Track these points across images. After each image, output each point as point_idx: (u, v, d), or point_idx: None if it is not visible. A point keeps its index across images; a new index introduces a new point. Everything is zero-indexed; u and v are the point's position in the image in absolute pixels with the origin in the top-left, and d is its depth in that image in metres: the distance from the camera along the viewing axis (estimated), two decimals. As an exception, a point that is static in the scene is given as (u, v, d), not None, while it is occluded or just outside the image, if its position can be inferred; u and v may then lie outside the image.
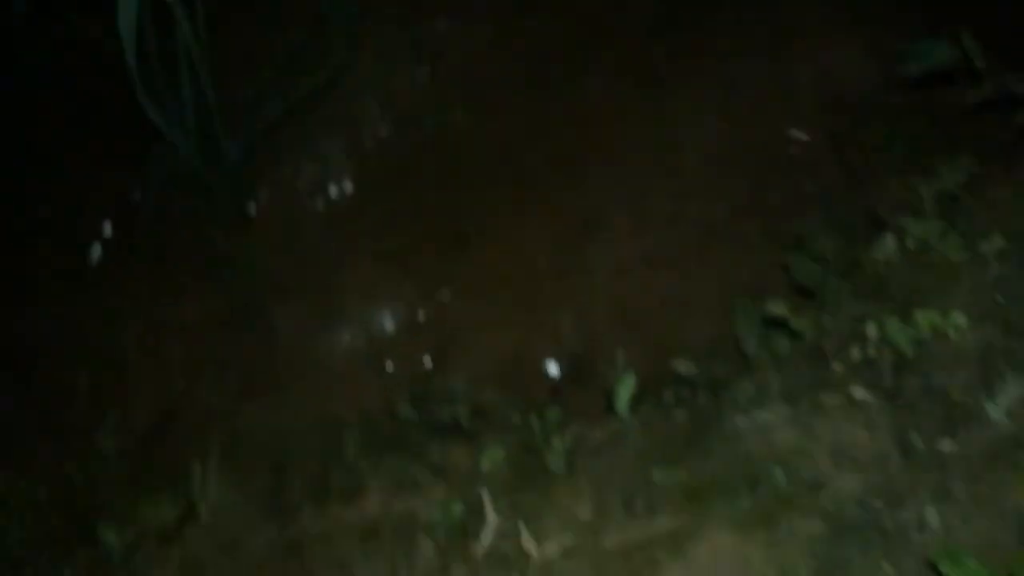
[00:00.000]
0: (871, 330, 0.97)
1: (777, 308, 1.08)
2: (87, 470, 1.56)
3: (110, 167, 1.88)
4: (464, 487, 1.13)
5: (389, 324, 1.80)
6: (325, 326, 1.79)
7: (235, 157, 1.64)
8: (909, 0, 1.74)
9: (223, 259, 1.81)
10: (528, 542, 0.96)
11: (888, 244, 1.11)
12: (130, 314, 1.82)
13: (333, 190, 1.87)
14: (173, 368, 1.78)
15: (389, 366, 1.76)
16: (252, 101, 1.70)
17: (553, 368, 1.74)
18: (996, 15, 1.44)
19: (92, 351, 1.80)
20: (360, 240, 1.85)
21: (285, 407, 1.72)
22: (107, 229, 1.86)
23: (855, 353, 0.98)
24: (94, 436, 1.70)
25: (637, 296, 1.75)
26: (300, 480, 1.28)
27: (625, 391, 1.16)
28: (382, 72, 1.91)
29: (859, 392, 0.93)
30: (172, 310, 1.81)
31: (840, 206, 1.53)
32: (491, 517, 1.01)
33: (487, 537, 0.99)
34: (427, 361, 1.76)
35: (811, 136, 1.70)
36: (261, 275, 1.81)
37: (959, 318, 0.94)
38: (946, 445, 0.85)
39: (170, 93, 1.49)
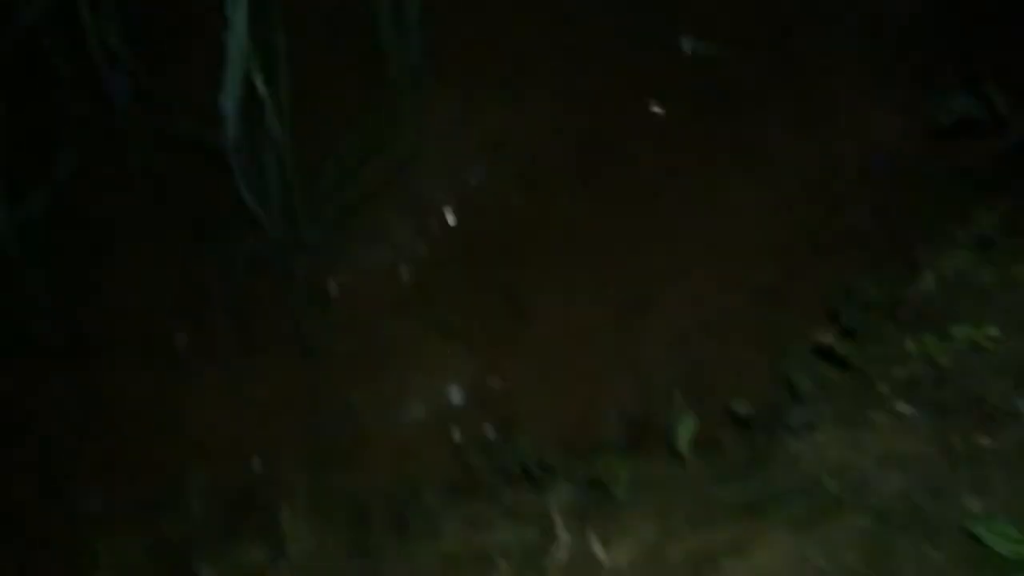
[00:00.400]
0: (911, 348, 1.04)
1: (825, 338, 1.16)
2: (179, 529, 1.65)
3: (191, 254, 2.02)
4: (535, 520, 1.20)
5: (456, 396, 1.89)
6: (397, 401, 1.89)
7: (314, 240, 1.77)
8: (937, 57, 1.86)
9: (301, 341, 1.92)
10: (599, 552, 1.03)
11: (927, 279, 1.19)
12: (212, 396, 1.92)
13: (403, 271, 1.99)
14: (248, 442, 1.87)
15: (457, 435, 1.84)
16: (329, 186, 1.84)
17: (615, 432, 1.81)
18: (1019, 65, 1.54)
19: (177, 429, 1.90)
20: (428, 318, 1.95)
21: (358, 474, 1.81)
22: (191, 314, 1.99)
23: (898, 372, 1.05)
24: (182, 502, 1.79)
25: (694, 359, 1.83)
26: (381, 524, 1.36)
27: (685, 430, 1.24)
28: (446, 160, 2.05)
29: (903, 407, 1.01)
30: (251, 391, 1.92)
31: (882, 256, 1.61)
32: (563, 535, 1.08)
33: (559, 552, 1.06)
34: (493, 429, 1.84)
35: (853, 194, 1.80)
36: (337, 354, 1.91)
37: (993, 330, 1.01)
38: (984, 442, 0.92)
39: (259, 179, 1.63)
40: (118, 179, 1.97)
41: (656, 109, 2.03)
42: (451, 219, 2.02)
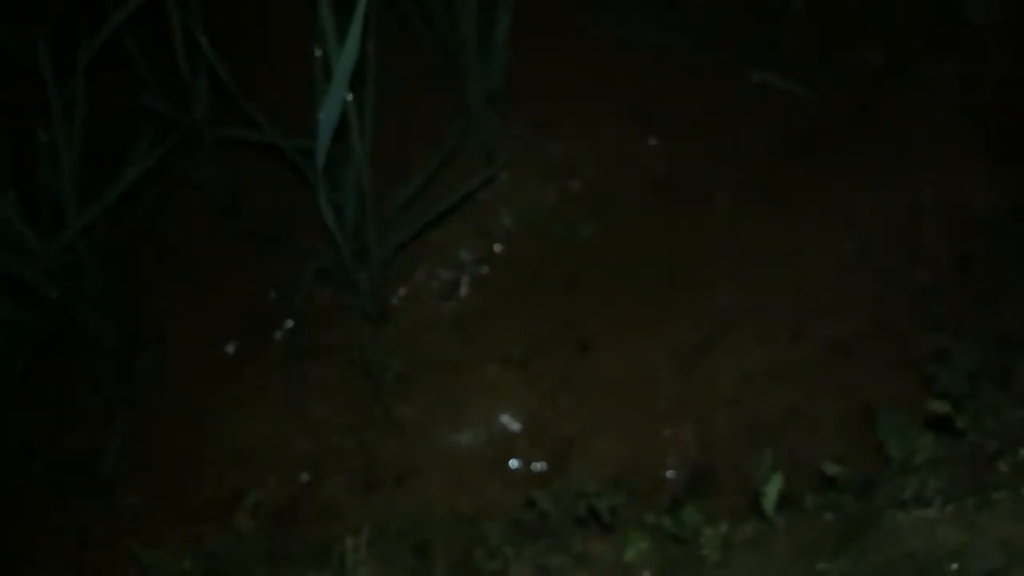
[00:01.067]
0: (1040, 429, 0.99)
1: (941, 407, 1.11)
2: (227, 545, 1.61)
3: (257, 262, 2.00)
4: (612, 573, 1.16)
5: (512, 425, 1.85)
6: (451, 424, 1.85)
7: (382, 258, 1.74)
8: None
9: (358, 355, 1.89)
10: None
11: (1043, 354, 1.14)
12: (263, 405, 1.89)
13: (464, 295, 1.95)
14: (300, 458, 1.84)
15: (512, 465, 1.80)
16: (402, 204, 1.81)
17: (675, 476, 1.76)
18: None
19: (226, 438, 1.87)
20: (487, 344, 1.92)
21: (412, 498, 1.77)
22: (249, 322, 1.96)
23: (1023, 453, 1.00)
24: (228, 519, 1.76)
25: (763, 407, 1.78)
26: (444, 562, 1.31)
27: (773, 489, 1.19)
28: (515, 187, 2.02)
29: (1028, 491, 0.95)
30: (303, 402, 1.89)
31: (974, 325, 1.56)
32: (654, 597, 1.04)
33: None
34: (548, 463, 1.79)
35: (937, 254, 1.75)
36: (394, 372, 1.88)
37: None
38: None
39: (335, 192, 1.60)
40: (190, 183, 1.95)
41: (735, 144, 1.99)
42: (517, 244, 1.99)
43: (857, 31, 2.11)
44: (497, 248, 1.99)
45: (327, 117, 1.27)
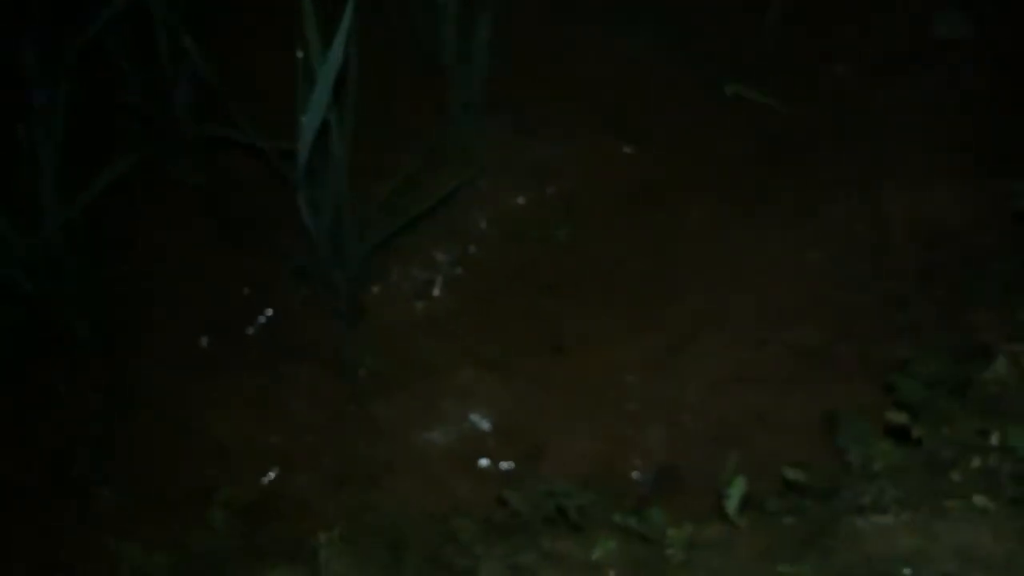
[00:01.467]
0: (993, 440, 1.04)
1: (898, 417, 1.15)
2: (200, 540, 1.63)
3: (232, 260, 2.01)
4: (579, 571, 1.19)
5: (484, 426, 1.88)
6: (424, 423, 1.88)
7: (359, 259, 1.77)
8: (1010, 142, 1.87)
9: (332, 354, 1.91)
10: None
11: (1000, 366, 1.19)
12: (237, 401, 1.91)
13: (440, 295, 1.98)
14: (273, 454, 1.86)
15: (483, 464, 1.83)
16: (380, 205, 1.83)
17: (642, 477, 1.80)
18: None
19: (202, 434, 1.88)
20: (461, 344, 1.94)
21: (384, 496, 1.79)
22: (226, 320, 1.98)
23: (975, 462, 1.04)
24: (201, 512, 1.77)
25: (729, 411, 1.82)
26: (417, 559, 1.34)
27: (736, 492, 1.23)
28: (492, 190, 2.05)
29: (980, 499, 0.99)
30: (277, 399, 1.90)
31: (936, 335, 1.61)
32: (621, 596, 1.07)
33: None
34: (519, 463, 1.82)
35: (904, 265, 1.80)
36: (368, 371, 1.90)
37: (1078, 430, 1.00)
38: (1071, 547, 0.90)
39: (314, 192, 1.62)
40: (170, 181, 1.96)
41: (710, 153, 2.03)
42: (493, 247, 2.02)
43: (830, 46, 2.16)
44: (473, 250, 2.02)
45: (310, 120, 1.29)
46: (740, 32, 2.18)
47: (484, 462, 1.83)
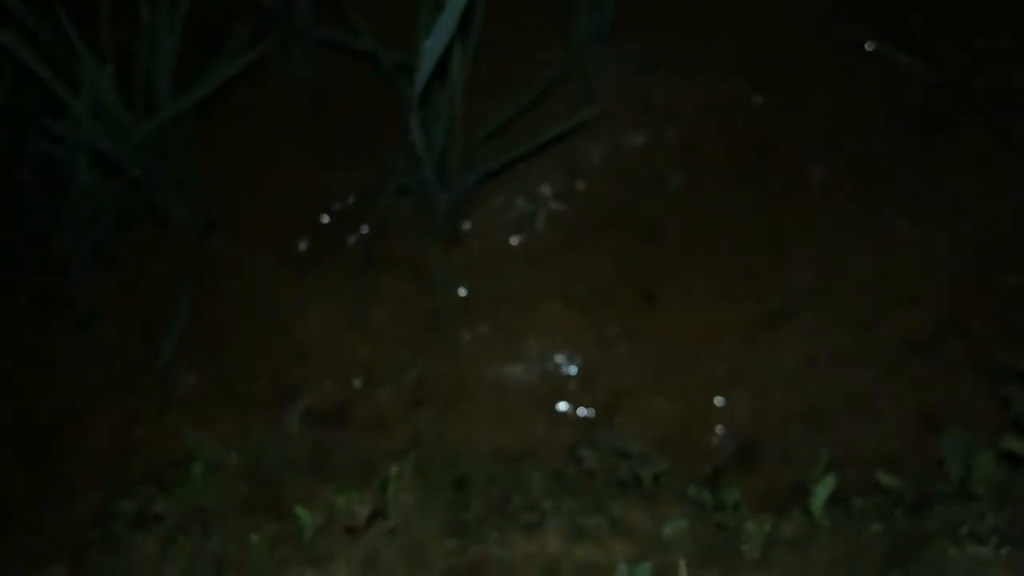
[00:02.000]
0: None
1: (1013, 444, 1.07)
2: (275, 444, 1.65)
3: (339, 164, 1.99)
4: (648, 548, 1.16)
5: (566, 367, 1.84)
6: (505, 354, 1.85)
7: (464, 184, 1.72)
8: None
9: (427, 271, 1.89)
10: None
11: None
12: (326, 306, 1.91)
13: (538, 229, 1.93)
14: (356, 365, 1.86)
15: (560, 407, 1.80)
16: (492, 134, 1.78)
17: (721, 447, 1.75)
18: None
19: (283, 335, 1.89)
20: (553, 281, 1.90)
21: (458, 424, 1.78)
22: (322, 222, 1.96)
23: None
24: (277, 415, 1.79)
25: (822, 393, 1.74)
26: (483, 504, 1.32)
27: (823, 491, 1.17)
28: (607, 127, 1.97)
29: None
30: (366, 310, 1.90)
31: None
32: (687, 587, 1.03)
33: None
34: (597, 411, 1.79)
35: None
36: (457, 293, 1.88)
37: None
38: None
39: (426, 111, 1.57)
40: (284, 78, 1.93)
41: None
42: (600, 186, 1.95)
43: (992, 16, 1.99)
44: (579, 187, 1.96)
45: (432, 46, 1.23)
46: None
47: (562, 405, 1.80)
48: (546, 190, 1.96)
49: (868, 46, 1.99)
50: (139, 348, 1.89)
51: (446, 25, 1.20)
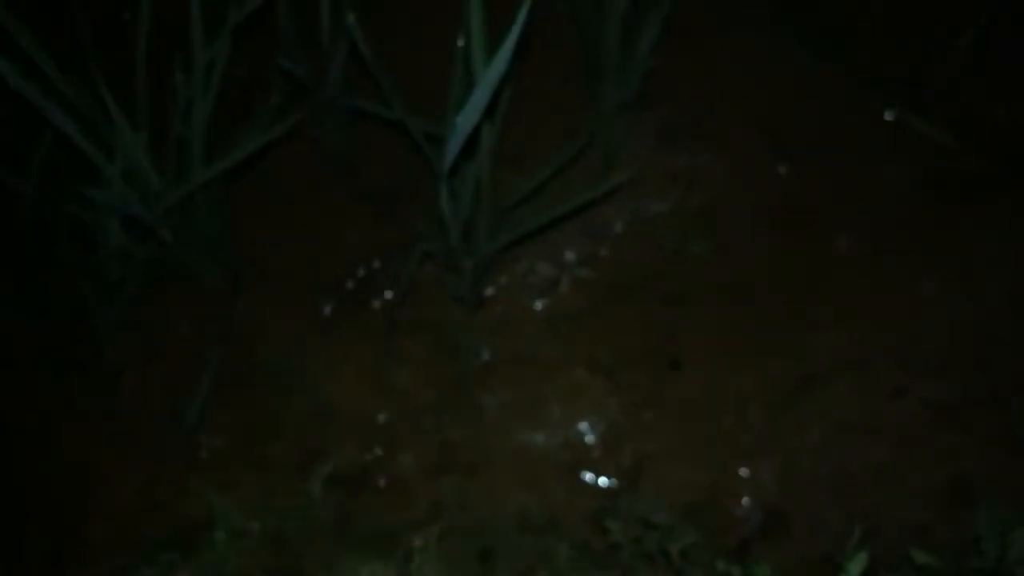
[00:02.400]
0: None
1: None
2: (297, 510, 1.64)
3: (368, 226, 2.01)
4: (677, 627, 1.14)
5: (589, 433, 1.83)
6: (528, 420, 1.84)
7: (490, 251, 1.73)
8: None
9: (450, 335, 1.89)
10: None
11: None
12: (351, 369, 1.91)
13: (562, 294, 1.93)
14: (378, 429, 1.86)
15: (585, 475, 1.79)
16: (519, 202, 1.79)
17: (748, 516, 1.73)
18: None
19: (308, 398, 1.89)
20: (577, 346, 1.90)
21: (481, 491, 1.77)
22: (348, 286, 1.97)
23: None
24: (301, 479, 1.79)
25: (850, 462, 1.72)
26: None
27: (856, 568, 1.15)
28: (632, 193, 1.98)
29: None
30: (390, 373, 1.90)
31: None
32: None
33: None
34: (621, 479, 1.77)
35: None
36: (480, 358, 1.88)
37: None
38: None
39: (455, 180, 1.59)
40: (314, 143, 1.96)
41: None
42: (625, 252, 1.96)
43: (1008, 84, 2.00)
44: (604, 253, 1.97)
45: (464, 122, 1.25)
46: (924, 57, 2.04)
47: (586, 472, 1.79)
48: (570, 256, 1.97)
49: (888, 115, 2.00)
50: (164, 409, 1.90)
51: (477, 104, 1.22)
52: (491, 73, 1.17)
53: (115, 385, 1.92)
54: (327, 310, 1.96)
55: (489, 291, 1.94)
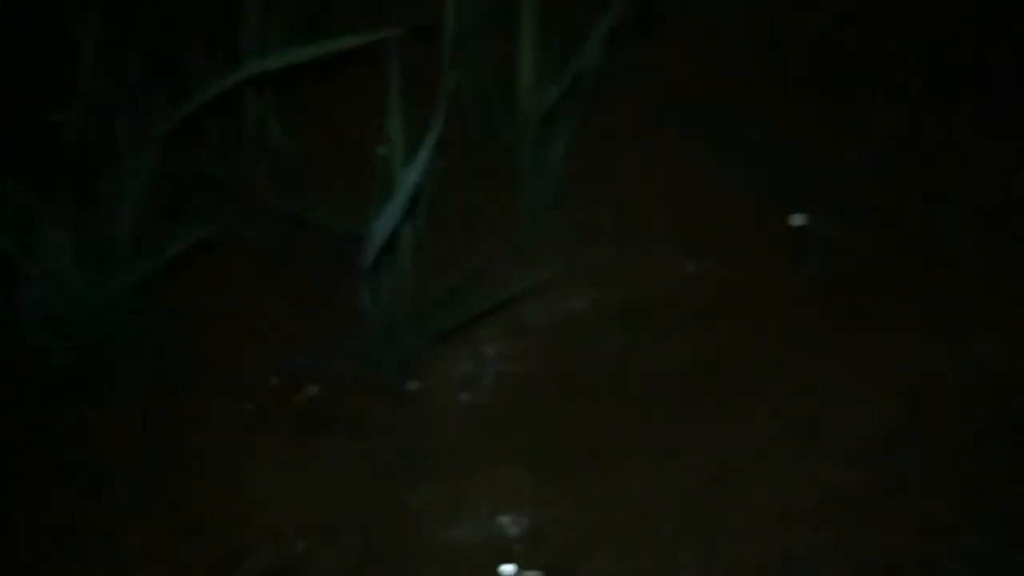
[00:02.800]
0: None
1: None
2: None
3: (287, 330, 2.03)
4: None
5: (513, 526, 1.85)
6: (450, 515, 1.86)
7: (412, 347, 1.77)
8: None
9: (372, 433, 1.91)
10: None
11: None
12: (273, 467, 1.91)
13: (485, 390, 1.98)
14: (302, 525, 1.85)
15: (506, 570, 1.80)
16: (439, 300, 1.84)
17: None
18: None
19: (229, 499, 1.88)
20: (499, 441, 1.93)
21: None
22: (271, 383, 1.99)
23: None
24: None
25: (770, 551, 1.77)
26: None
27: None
28: (551, 291, 2.05)
29: None
30: (313, 470, 1.90)
31: (995, 502, 1.55)
32: None
33: None
34: (547, 571, 1.79)
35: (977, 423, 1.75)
36: (404, 454, 1.90)
37: None
38: None
39: (375, 281, 1.64)
40: (238, 243, 1.99)
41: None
42: (545, 348, 2.01)
43: (934, 187, 2.13)
44: (524, 348, 2.02)
45: (381, 228, 1.31)
46: (827, 163, 2.17)
47: (508, 568, 1.80)
48: (492, 352, 2.02)
49: (795, 219, 2.12)
50: (83, 515, 1.87)
51: (394, 210, 1.28)
52: (408, 180, 1.24)
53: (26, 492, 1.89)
54: (249, 408, 1.96)
55: (412, 386, 1.97)
